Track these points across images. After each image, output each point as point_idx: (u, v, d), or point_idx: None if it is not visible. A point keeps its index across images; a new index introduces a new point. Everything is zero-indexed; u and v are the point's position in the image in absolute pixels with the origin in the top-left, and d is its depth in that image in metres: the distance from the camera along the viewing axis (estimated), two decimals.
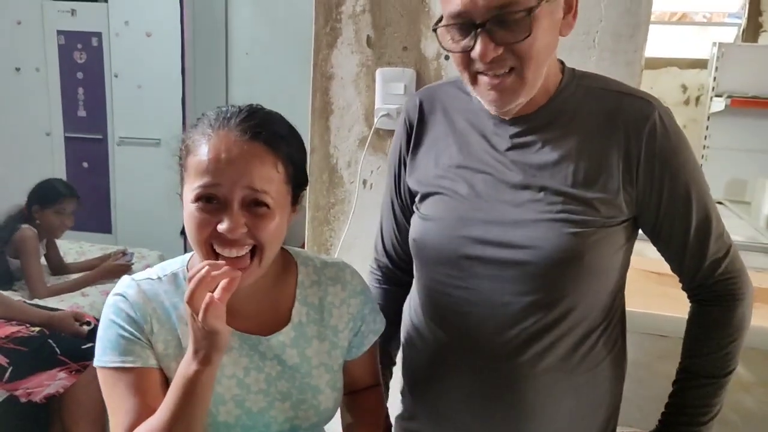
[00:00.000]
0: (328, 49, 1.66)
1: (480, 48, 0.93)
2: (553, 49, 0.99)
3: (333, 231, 1.75)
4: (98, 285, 3.14)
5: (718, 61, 3.38)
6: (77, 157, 4.35)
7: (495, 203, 1.03)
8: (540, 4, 0.91)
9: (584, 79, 1.06)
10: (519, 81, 0.96)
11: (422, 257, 1.13)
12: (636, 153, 0.99)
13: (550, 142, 1.02)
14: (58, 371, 2.41)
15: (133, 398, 0.93)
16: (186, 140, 0.96)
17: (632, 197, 1.01)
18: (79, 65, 4.22)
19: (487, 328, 1.05)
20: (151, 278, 1.01)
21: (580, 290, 1.02)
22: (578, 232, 0.99)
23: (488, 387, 1.07)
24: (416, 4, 1.59)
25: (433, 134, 1.13)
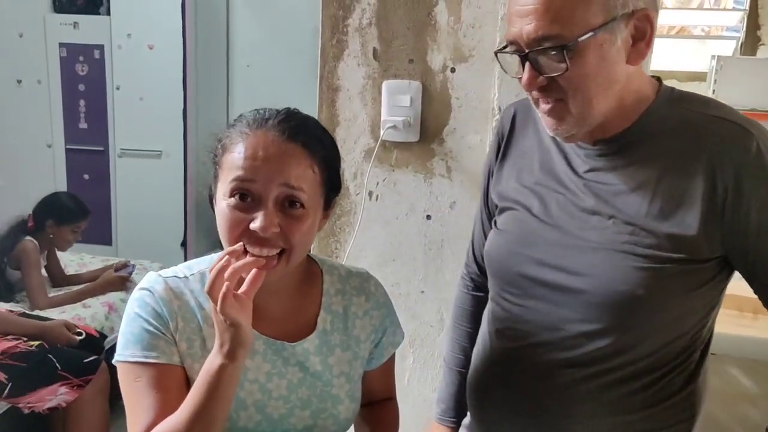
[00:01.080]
0: (334, 62, 1.67)
1: (524, 78, 0.92)
2: (613, 79, 0.92)
3: (339, 243, 1.75)
4: (99, 297, 3.13)
5: (717, 74, 3.39)
6: (78, 168, 4.34)
7: (562, 225, 1.00)
8: (581, 38, 0.87)
9: (682, 101, 0.98)
10: (566, 111, 0.93)
11: (489, 269, 1.12)
12: (723, 186, 0.90)
13: (628, 168, 0.96)
14: (59, 386, 2.40)
15: (155, 395, 0.91)
16: (222, 139, 0.96)
17: (717, 235, 0.92)
18: (81, 77, 4.23)
19: (537, 350, 1.03)
20: (177, 276, 1.00)
21: (641, 328, 0.96)
22: (642, 266, 0.92)
23: (534, 407, 1.05)
24: (423, 17, 1.60)
25: (521, 147, 1.11)
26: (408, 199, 1.68)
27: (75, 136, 4.30)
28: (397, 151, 1.67)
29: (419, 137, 1.64)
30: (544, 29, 0.87)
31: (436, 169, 1.65)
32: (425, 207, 1.67)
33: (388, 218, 1.70)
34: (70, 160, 4.34)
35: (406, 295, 1.71)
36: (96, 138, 4.29)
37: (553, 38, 0.87)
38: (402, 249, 1.70)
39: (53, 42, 4.18)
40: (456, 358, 1.28)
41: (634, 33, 0.91)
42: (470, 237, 1.28)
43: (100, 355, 2.63)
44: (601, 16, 0.87)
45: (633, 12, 0.89)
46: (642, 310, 0.94)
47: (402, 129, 1.63)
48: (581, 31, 0.87)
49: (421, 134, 1.64)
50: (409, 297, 1.71)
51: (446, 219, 1.66)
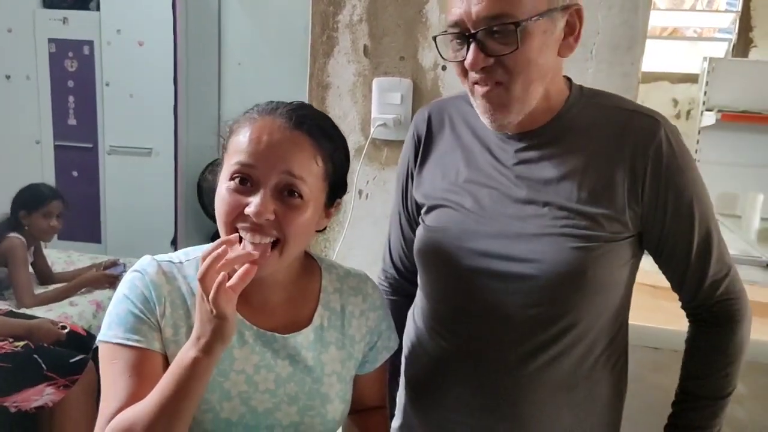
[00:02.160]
0: (324, 59, 1.66)
1: (470, 57, 0.94)
2: (548, 68, 0.99)
3: (328, 241, 1.73)
4: (87, 294, 3.10)
5: (709, 76, 3.41)
6: (67, 165, 4.31)
7: (499, 217, 1.03)
8: (530, 20, 0.92)
9: (593, 97, 1.06)
10: (507, 95, 0.97)
11: (426, 268, 1.13)
12: (642, 170, 0.99)
13: (555, 158, 1.02)
14: (45, 386, 2.37)
15: (129, 379, 0.90)
16: (232, 124, 0.96)
17: (637, 214, 1.01)
18: (70, 73, 4.20)
19: (488, 341, 1.05)
20: (172, 261, 1.00)
21: (583, 306, 1.02)
22: (581, 246, 0.99)
23: (488, 400, 1.07)
24: (413, 15, 1.58)
25: (440, 148, 1.14)
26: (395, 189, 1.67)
27: (64, 132, 4.27)
28: (388, 149, 1.66)
29: None
30: (496, 7, 0.91)
31: None
32: None
33: (377, 217, 1.69)
34: (59, 157, 4.30)
35: None
36: (85, 135, 4.25)
37: (504, 16, 0.92)
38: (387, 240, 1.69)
39: (42, 37, 4.15)
40: None
41: (566, 28, 0.98)
42: (385, 241, 1.29)
43: (87, 355, 2.61)
44: (545, 4, 0.94)
45: (568, 6, 0.97)
46: (585, 288, 1.01)
47: (392, 127, 1.62)
48: (529, 13, 0.92)
49: None
50: None
51: None
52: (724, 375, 1.07)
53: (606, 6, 1.47)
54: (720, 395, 1.08)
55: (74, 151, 4.27)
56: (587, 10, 1.44)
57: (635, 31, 1.47)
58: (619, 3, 1.46)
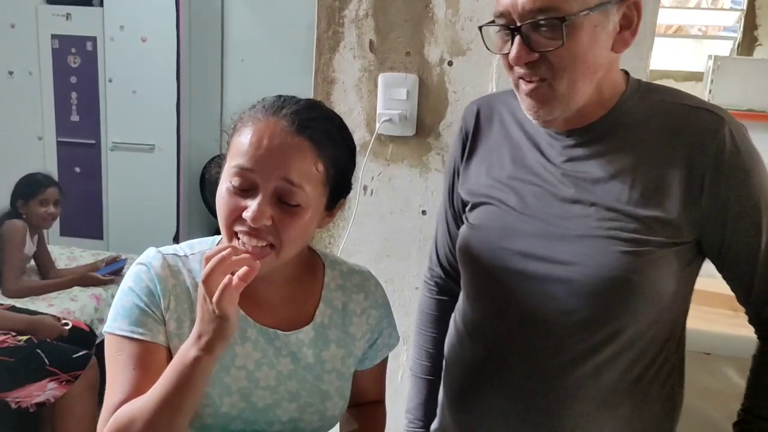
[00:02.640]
0: (330, 54, 1.65)
1: (513, 52, 0.91)
2: (598, 65, 0.93)
3: (332, 237, 1.72)
4: (88, 289, 3.10)
5: (714, 74, 3.40)
6: (69, 161, 4.31)
7: (543, 216, 0.99)
8: (579, 14, 0.87)
9: (651, 92, 1.00)
10: (550, 92, 0.93)
11: (465, 267, 1.09)
12: (700, 170, 0.92)
13: (605, 156, 0.97)
14: (47, 382, 2.37)
15: (133, 371, 0.91)
16: (236, 120, 0.96)
17: (694, 218, 0.93)
18: (73, 69, 4.19)
19: (524, 348, 1.01)
20: (177, 254, 1.00)
21: (628, 314, 0.95)
22: (628, 251, 0.93)
23: (523, 408, 1.02)
24: (420, 10, 1.57)
25: (488, 144, 1.10)
26: (403, 193, 1.66)
27: (66, 128, 4.27)
28: (393, 145, 1.65)
29: (415, 131, 1.62)
30: (545, 1, 0.87)
31: (432, 164, 1.63)
32: (421, 202, 1.65)
33: (383, 213, 1.68)
34: (62, 153, 4.30)
35: (400, 291, 1.69)
36: (88, 131, 4.25)
37: (551, 10, 0.87)
38: (397, 244, 1.68)
39: (45, 33, 4.15)
40: (422, 365, 1.25)
41: (623, 21, 0.93)
42: (432, 239, 1.25)
43: (90, 350, 2.60)
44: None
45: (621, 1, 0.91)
46: (630, 296, 0.94)
47: (398, 123, 1.61)
48: (579, 7, 0.87)
49: (418, 128, 1.62)
50: (404, 293, 1.69)
51: None
52: None
53: None
54: None
55: (77, 147, 4.27)
56: None
57: (643, 27, 1.45)
58: None
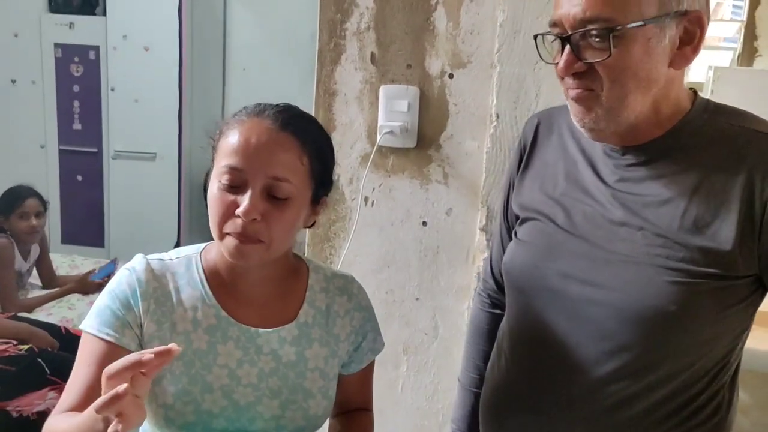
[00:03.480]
0: (331, 66, 1.66)
1: (562, 61, 0.89)
2: (653, 80, 0.88)
3: (333, 248, 1.73)
4: (84, 297, 3.10)
5: (714, 85, 3.40)
6: (72, 170, 4.32)
7: (589, 237, 0.96)
8: (630, 25, 0.84)
9: (719, 114, 0.94)
10: (597, 102, 0.90)
11: (508, 282, 1.08)
12: (761, 201, 0.86)
13: (660, 179, 0.92)
14: (48, 390, 2.38)
15: (89, 368, 0.94)
16: (221, 125, 1.00)
17: (753, 252, 0.87)
18: (76, 78, 4.21)
19: (556, 369, 0.98)
20: (162, 258, 1.04)
21: (668, 346, 0.91)
22: (674, 281, 0.88)
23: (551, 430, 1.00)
24: (421, 23, 1.59)
25: (544, 158, 1.08)
26: (404, 205, 1.67)
27: (69, 137, 4.28)
28: (394, 157, 1.66)
29: (416, 143, 1.63)
30: (595, 9, 0.85)
31: (432, 176, 1.64)
32: (421, 213, 1.66)
33: (383, 224, 1.69)
34: (64, 161, 4.32)
35: (400, 301, 1.69)
36: (90, 139, 4.27)
37: (602, 20, 0.84)
38: (397, 255, 1.69)
39: (48, 42, 4.17)
40: (471, 377, 1.24)
41: (683, 35, 0.88)
42: (488, 251, 1.25)
43: None
44: (654, 8, 0.85)
45: (686, 12, 0.87)
46: (672, 328, 0.90)
47: (399, 134, 1.61)
48: (632, 18, 0.84)
49: (418, 140, 1.63)
50: (404, 304, 1.69)
51: (442, 226, 1.65)
52: None
53: None
54: None
55: (79, 155, 4.29)
56: None
57: None
58: None
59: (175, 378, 0.97)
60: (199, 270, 1.03)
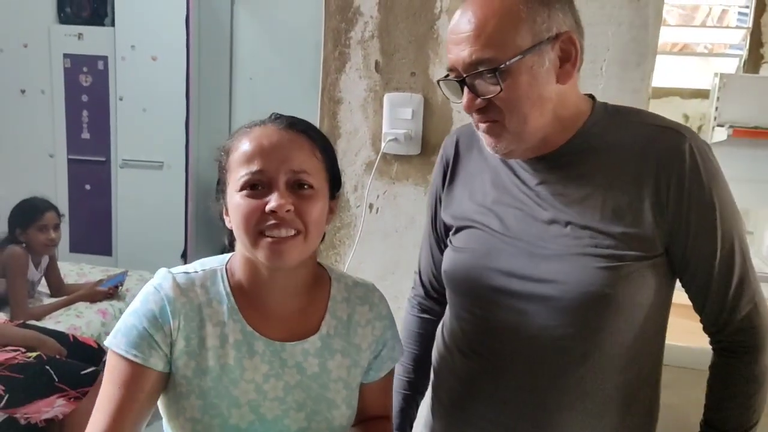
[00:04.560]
0: (336, 74, 1.67)
1: (464, 100, 0.98)
2: (546, 98, 0.98)
3: (338, 255, 1.74)
4: (94, 305, 3.13)
5: (720, 92, 3.39)
6: (80, 179, 4.35)
7: (524, 237, 1.03)
8: (511, 61, 0.93)
9: (618, 114, 1.05)
10: (504, 131, 0.99)
11: (453, 288, 1.14)
12: (666, 186, 0.97)
13: (577, 177, 1.02)
14: (56, 398, 2.38)
15: (118, 391, 0.95)
16: (225, 146, 1.01)
17: (664, 231, 0.98)
18: (85, 88, 4.25)
19: (511, 361, 1.05)
20: (187, 272, 1.02)
21: (608, 327, 1.00)
22: (605, 266, 0.97)
23: (510, 419, 1.06)
24: (425, 31, 1.60)
25: (468, 170, 1.15)
26: (408, 212, 1.68)
27: (77, 146, 4.32)
28: (398, 164, 1.67)
29: (420, 150, 1.64)
30: (478, 53, 0.94)
31: None
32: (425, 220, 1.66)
33: (387, 231, 1.70)
34: (72, 170, 4.35)
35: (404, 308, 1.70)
36: (98, 148, 4.30)
37: (486, 62, 0.94)
38: (401, 262, 1.69)
39: (57, 53, 4.21)
40: (401, 381, 1.27)
41: (561, 54, 0.98)
42: (417, 263, 1.30)
43: (98, 367, 2.62)
44: (528, 40, 0.94)
45: (557, 35, 0.96)
46: (609, 310, 0.98)
47: (403, 142, 1.63)
48: (512, 53, 0.93)
49: (422, 147, 1.64)
50: None
51: None
52: (746, 408, 1.02)
53: (616, 23, 1.48)
54: (743, 429, 1.03)
55: (87, 164, 4.32)
56: (597, 26, 1.47)
57: (645, 48, 1.48)
58: (628, 20, 1.47)
59: (202, 393, 0.97)
60: (225, 284, 1.02)
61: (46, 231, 2.98)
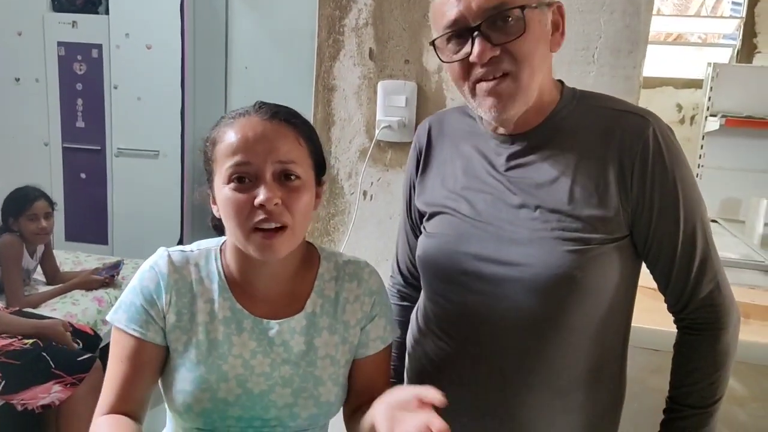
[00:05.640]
0: (330, 62, 1.68)
1: (477, 49, 0.95)
2: (546, 59, 1.01)
3: (333, 242, 1.75)
4: (90, 293, 3.14)
5: (713, 81, 3.42)
6: (75, 167, 4.35)
7: (494, 221, 1.05)
8: (529, 7, 0.95)
9: (585, 99, 1.07)
10: (515, 85, 0.98)
11: (425, 273, 1.16)
12: (629, 168, 0.99)
13: (546, 161, 1.03)
14: (53, 384, 2.39)
15: (123, 364, 1.02)
16: (210, 136, 1.03)
17: (628, 213, 1.01)
18: (79, 76, 4.24)
19: (483, 344, 1.07)
20: (184, 250, 1.08)
21: (577, 309, 1.02)
22: (573, 249, 0.99)
23: (482, 401, 1.09)
24: (418, 19, 1.61)
25: (440, 157, 1.17)
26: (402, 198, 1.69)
27: (72, 134, 4.31)
28: (392, 151, 1.68)
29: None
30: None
31: None
32: None
33: (381, 218, 1.71)
34: (67, 159, 4.34)
35: None
36: (93, 137, 4.30)
37: (506, 4, 0.94)
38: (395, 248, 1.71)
39: (52, 41, 4.20)
40: None
41: (553, 23, 1.01)
42: (395, 250, 1.32)
43: (95, 353, 2.63)
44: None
45: (551, 3, 1.00)
46: (577, 291, 1.00)
47: (397, 129, 1.64)
48: (527, 2, 0.95)
49: None
50: None
51: None
52: (708, 383, 1.05)
53: (608, 11, 1.49)
54: (705, 404, 1.05)
55: (82, 153, 4.31)
56: (589, 14, 1.48)
57: (637, 35, 1.49)
58: (621, 7, 1.48)
59: (193, 366, 1.02)
60: (217, 263, 1.07)
61: (37, 220, 2.97)
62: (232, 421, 1.02)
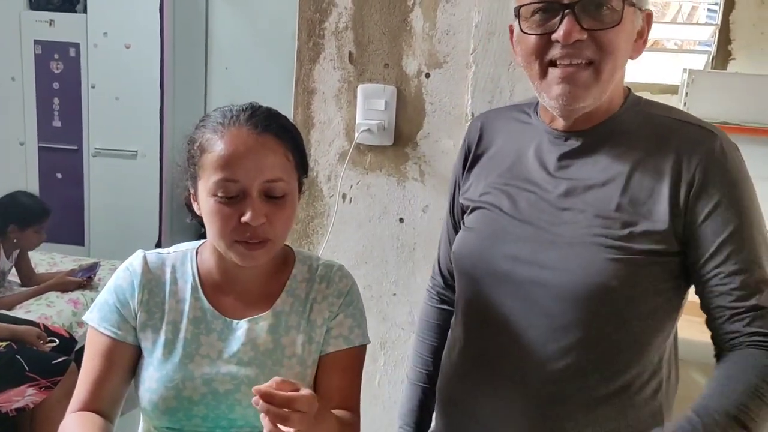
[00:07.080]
0: (310, 65, 1.68)
1: (565, 27, 0.91)
2: (626, 59, 0.98)
3: (312, 245, 1.75)
4: (65, 295, 3.10)
5: (689, 87, 3.46)
6: (51, 167, 4.29)
7: (534, 221, 1.01)
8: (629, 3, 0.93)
9: (649, 107, 1.03)
10: (593, 76, 0.94)
11: (458, 269, 1.12)
12: (688, 180, 0.94)
13: (599, 164, 0.99)
14: (27, 387, 2.37)
15: (97, 361, 1.04)
16: (198, 139, 1.02)
17: (681, 228, 0.94)
18: (56, 75, 4.19)
19: (508, 351, 1.02)
20: (160, 252, 1.11)
21: (611, 321, 0.96)
22: (614, 257, 0.94)
23: (507, 409, 1.03)
24: (398, 23, 1.61)
25: (488, 155, 1.13)
26: (381, 202, 1.70)
27: (48, 134, 4.26)
28: (371, 155, 1.69)
29: (393, 141, 1.66)
30: None
31: (409, 173, 1.67)
32: (398, 210, 1.69)
33: (361, 221, 1.71)
34: (43, 159, 4.29)
35: (377, 297, 1.72)
36: (70, 137, 4.24)
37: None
38: (374, 252, 1.71)
39: (28, 39, 4.14)
40: (418, 372, 1.26)
41: (640, 29, 0.98)
42: (437, 249, 1.28)
43: (70, 356, 2.60)
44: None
45: (645, 9, 0.99)
46: (614, 302, 0.95)
47: (376, 132, 1.64)
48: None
49: (395, 138, 1.66)
50: (381, 299, 1.72)
51: (419, 222, 1.68)
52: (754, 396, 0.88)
53: None
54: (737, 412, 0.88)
55: (59, 153, 4.26)
56: None
57: None
58: None
59: (160, 364, 1.03)
60: (192, 264, 1.09)
61: (41, 234, 3.09)
62: (198, 420, 1.03)
